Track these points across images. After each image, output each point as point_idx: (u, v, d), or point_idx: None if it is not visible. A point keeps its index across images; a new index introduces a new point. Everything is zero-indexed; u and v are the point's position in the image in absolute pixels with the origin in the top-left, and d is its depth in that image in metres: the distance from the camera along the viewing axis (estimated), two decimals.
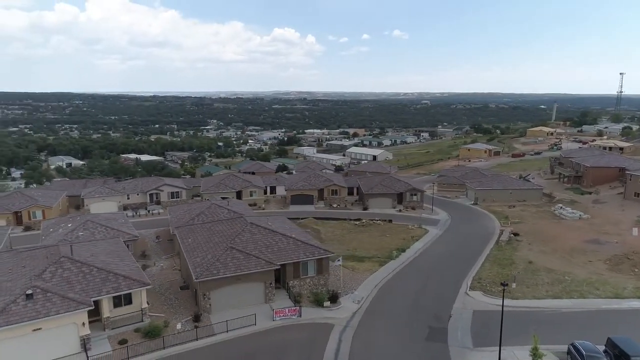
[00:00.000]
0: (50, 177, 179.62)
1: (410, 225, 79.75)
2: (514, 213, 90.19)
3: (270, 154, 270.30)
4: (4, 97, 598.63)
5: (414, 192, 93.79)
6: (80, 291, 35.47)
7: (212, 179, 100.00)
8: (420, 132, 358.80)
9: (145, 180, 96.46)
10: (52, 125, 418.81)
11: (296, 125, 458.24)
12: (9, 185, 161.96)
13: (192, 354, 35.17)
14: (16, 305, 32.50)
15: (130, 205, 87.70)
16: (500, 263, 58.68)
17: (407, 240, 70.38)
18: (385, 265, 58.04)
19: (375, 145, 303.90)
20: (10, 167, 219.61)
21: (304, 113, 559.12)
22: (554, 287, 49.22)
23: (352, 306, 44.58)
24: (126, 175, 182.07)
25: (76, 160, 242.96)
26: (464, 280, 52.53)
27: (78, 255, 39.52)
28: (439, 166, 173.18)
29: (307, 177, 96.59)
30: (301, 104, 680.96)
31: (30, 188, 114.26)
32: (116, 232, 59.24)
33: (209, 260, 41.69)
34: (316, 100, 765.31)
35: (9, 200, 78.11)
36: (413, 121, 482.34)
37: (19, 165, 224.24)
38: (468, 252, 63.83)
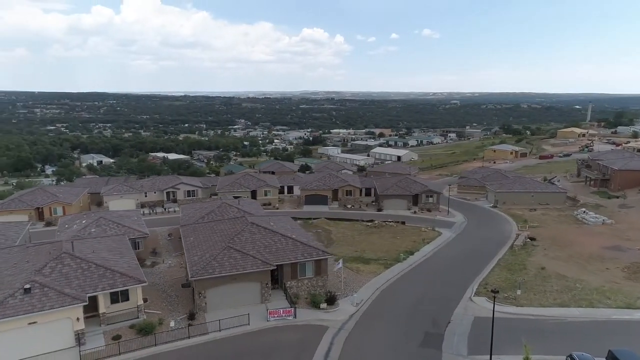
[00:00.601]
0: (80, 174, 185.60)
1: (424, 227, 78.42)
2: (534, 217, 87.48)
3: (295, 153, 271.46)
4: (43, 97, 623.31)
5: (429, 194, 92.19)
6: (77, 287, 36.38)
7: (227, 178, 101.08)
8: (448, 132, 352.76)
9: (162, 178, 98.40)
10: (87, 124, 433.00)
11: (323, 125, 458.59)
12: (41, 181, 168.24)
13: (182, 352, 35.52)
14: (14, 298, 33.62)
15: (147, 203, 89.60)
16: (510, 268, 56.95)
17: (418, 242, 69.22)
18: (390, 267, 57.24)
19: (401, 146, 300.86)
20: (44, 164, 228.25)
21: (331, 113, 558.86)
22: (563, 295, 47.37)
23: (350, 309, 44.11)
24: (152, 173, 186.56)
25: (107, 159, 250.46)
26: (470, 286, 51.23)
27: (79, 252, 40.57)
28: (462, 167, 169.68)
29: (322, 178, 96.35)
30: (328, 103, 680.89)
31: (54, 185, 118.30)
32: (127, 229, 60.58)
33: (206, 259, 42.08)
34: (343, 100, 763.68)
35: (31, 197, 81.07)
36: (441, 121, 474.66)
37: (52, 162, 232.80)
38: (479, 257, 62.26)
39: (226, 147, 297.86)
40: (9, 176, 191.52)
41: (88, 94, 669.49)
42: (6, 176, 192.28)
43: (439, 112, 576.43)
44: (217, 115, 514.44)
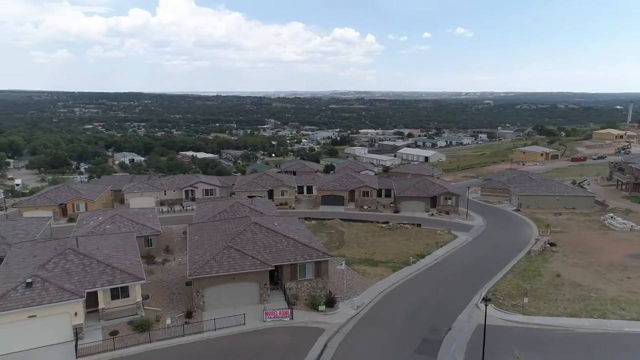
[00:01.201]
0: (110, 171, 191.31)
1: (439, 230, 76.77)
2: (558, 221, 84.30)
3: (321, 153, 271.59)
4: (83, 97, 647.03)
5: (448, 196, 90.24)
6: (77, 282, 37.39)
7: (246, 177, 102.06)
8: (478, 133, 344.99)
9: (182, 177, 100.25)
10: (123, 123, 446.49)
11: (351, 125, 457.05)
12: (74, 178, 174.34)
13: (175, 350, 35.94)
14: (15, 292, 34.85)
15: (167, 201, 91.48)
16: (524, 275, 54.95)
17: (431, 246, 67.78)
18: (398, 271, 56.27)
19: (429, 147, 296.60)
20: (79, 162, 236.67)
21: (361, 113, 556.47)
22: (575, 304, 45.30)
23: (349, 312, 43.58)
24: (180, 172, 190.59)
25: (138, 157, 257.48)
26: (478, 292, 49.73)
27: (83, 248, 41.71)
28: (489, 169, 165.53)
29: (339, 178, 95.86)
30: (358, 103, 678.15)
31: (79, 182, 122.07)
32: (141, 226, 62.01)
33: (206, 258, 42.45)
34: (373, 100, 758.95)
35: (56, 193, 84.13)
36: (473, 122, 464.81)
37: (87, 160, 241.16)
38: (493, 262, 60.41)
39: (254, 146, 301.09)
40: (45, 173, 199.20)
41: (124, 94, 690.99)
42: (43, 173, 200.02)
43: (470, 113, 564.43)
44: (247, 115, 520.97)
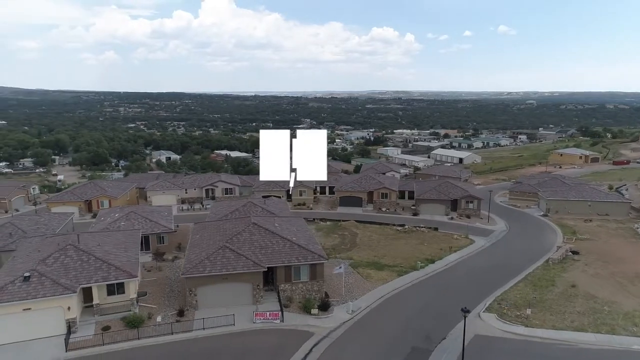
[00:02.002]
0: (146, 169, 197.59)
1: (457, 234, 74.50)
2: (587, 228, 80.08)
3: (353, 153, 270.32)
4: (128, 96, 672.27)
5: (470, 200, 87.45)
6: (73, 277, 38.60)
7: None
8: (518, 134, 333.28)
9: (203, 176, 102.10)
10: (163, 122, 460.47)
11: (387, 125, 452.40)
12: (112, 175, 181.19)
13: (162, 347, 36.43)
14: (13, 285, 36.36)
15: (187, 199, 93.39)
16: (537, 284, 52.36)
17: (444, 250, 65.83)
18: (404, 276, 54.90)
19: (465, 148, 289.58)
20: (119, 160, 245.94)
21: (397, 113, 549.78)
22: (583, 318, 42.71)
23: (343, 316, 42.87)
24: (212, 170, 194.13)
25: (175, 155, 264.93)
26: (483, 301, 47.80)
27: (84, 244, 43.02)
28: (523, 172, 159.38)
29: (358, 179, 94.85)
30: (395, 103, 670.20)
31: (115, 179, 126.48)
32: (154, 224, 63.55)
33: (201, 257, 42.85)
34: (411, 100, 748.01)
35: (82, 190, 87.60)
36: (514, 123, 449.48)
37: (126, 157, 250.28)
38: (506, 269, 57.96)
39: None
40: (86, 170, 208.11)
41: (166, 93, 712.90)
42: (84, 169, 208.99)
43: (512, 113, 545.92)
44: (283, 115, 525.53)
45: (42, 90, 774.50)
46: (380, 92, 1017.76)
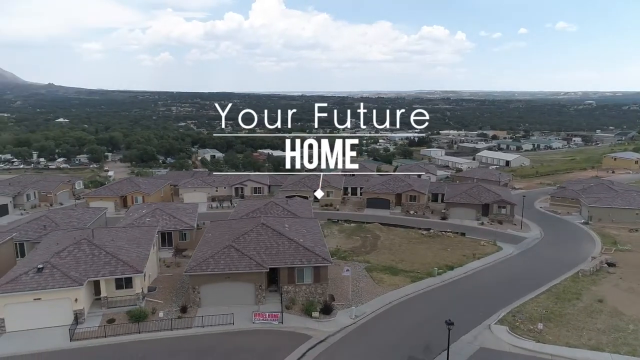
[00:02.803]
0: (188, 167, 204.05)
1: (484, 241, 71.61)
2: (631, 238, 74.85)
3: (395, 154, 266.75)
4: (180, 96, 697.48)
5: (502, 204, 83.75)
6: (82, 271, 40.35)
7: (294, 177, 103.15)
8: (572, 136, 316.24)
9: (233, 175, 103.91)
10: (212, 121, 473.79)
11: (433, 125, 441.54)
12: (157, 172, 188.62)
13: (160, 342, 37.34)
14: (26, 276, 38.50)
15: (217, 197, 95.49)
16: (560, 297, 49.29)
17: (467, 257, 63.44)
18: (418, 282, 53.36)
19: (513, 150, 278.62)
20: (167, 157, 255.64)
21: (445, 113, 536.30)
22: (603, 336, 39.68)
23: (345, 321, 42.18)
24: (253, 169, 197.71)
25: (219, 153, 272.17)
26: (498, 312, 45.56)
27: (98, 239, 44.87)
28: (571, 176, 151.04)
29: (386, 181, 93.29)
30: (443, 103, 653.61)
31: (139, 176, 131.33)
32: (177, 221, 65.49)
33: (205, 255, 43.57)
34: (460, 100, 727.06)
35: (119, 186, 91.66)
36: (570, 124, 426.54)
37: (173, 155, 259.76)
38: (530, 279, 55.03)
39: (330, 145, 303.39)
40: (135, 166, 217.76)
41: (216, 93, 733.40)
42: (133, 166, 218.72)
43: (568, 114, 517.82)
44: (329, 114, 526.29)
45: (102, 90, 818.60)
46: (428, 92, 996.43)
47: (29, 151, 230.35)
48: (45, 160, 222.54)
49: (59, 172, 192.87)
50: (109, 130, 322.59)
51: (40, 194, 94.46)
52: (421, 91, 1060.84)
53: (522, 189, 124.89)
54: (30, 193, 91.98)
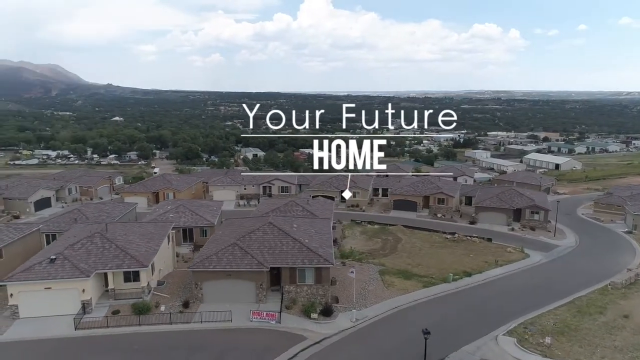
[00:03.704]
0: (229, 165, 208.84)
1: (511, 247, 68.43)
2: None
3: (437, 156, 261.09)
4: (229, 96, 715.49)
5: (535, 210, 79.68)
6: (92, 263, 42.13)
7: (322, 177, 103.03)
8: (632, 139, 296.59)
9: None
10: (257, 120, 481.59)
11: (481, 126, 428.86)
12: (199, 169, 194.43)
13: (157, 335, 38.34)
14: (40, 266, 40.69)
15: (246, 195, 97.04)
16: (581, 310, 46.26)
17: (489, 264, 60.83)
18: (430, 287, 51.75)
19: (565, 152, 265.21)
20: (210, 155, 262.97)
21: (495, 114, 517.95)
22: (618, 354, 36.80)
23: (345, 324, 41.56)
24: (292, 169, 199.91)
25: (261, 152, 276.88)
26: (509, 322, 43.37)
27: (111, 233, 46.68)
28: (624, 182, 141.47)
29: (414, 183, 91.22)
30: (494, 103, 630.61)
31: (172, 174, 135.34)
32: (198, 217, 67.05)
33: (210, 252, 44.30)
34: (512, 100, 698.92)
35: (152, 182, 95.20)
36: (632, 126, 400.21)
37: (217, 153, 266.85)
38: (553, 290, 52.00)
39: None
40: (179, 163, 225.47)
41: (263, 93, 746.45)
42: (178, 163, 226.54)
43: (630, 115, 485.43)
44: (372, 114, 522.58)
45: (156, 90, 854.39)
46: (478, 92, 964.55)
47: (84, 148, 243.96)
48: (98, 157, 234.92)
49: (109, 168, 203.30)
50: (160, 128, 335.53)
51: (81, 188, 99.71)
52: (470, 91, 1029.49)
53: (566, 193, 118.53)
54: (72, 187, 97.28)
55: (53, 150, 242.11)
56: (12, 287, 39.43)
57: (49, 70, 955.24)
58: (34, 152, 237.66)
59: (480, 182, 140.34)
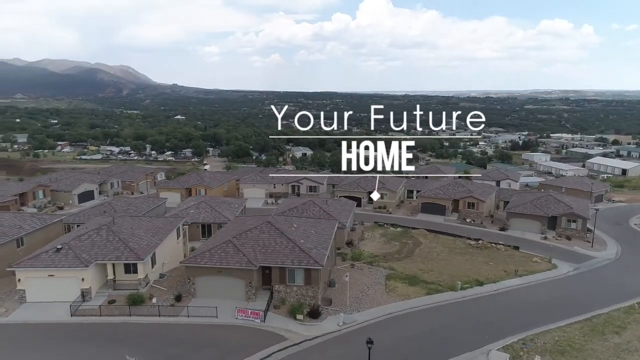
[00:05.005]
0: (275, 164, 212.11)
1: (538, 257, 64.17)
2: None
3: (491, 158, 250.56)
4: (286, 95, 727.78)
5: (572, 218, 74.10)
6: (94, 254, 44.29)
7: (350, 178, 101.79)
8: None
9: (291, 173, 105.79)
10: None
11: (545, 128, 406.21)
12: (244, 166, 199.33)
13: (143, 326, 39.57)
14: (46, 254, 43.41)
15: (275, 193, 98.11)
16: (596, 329, 42.47)
17: (508, 273, 57.41)
18: (433, 295, 49.59)
19: (636, 157, 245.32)
20: (260, 153, 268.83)
21: (562, 115, 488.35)
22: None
23: (331, 327, 40.80)
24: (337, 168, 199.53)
25: (310, 151, 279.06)
26: (508, 337, 40.65)
27: (118, 227, 48.82)
28: None
29: (443, 186, 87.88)
30: (561, 104, 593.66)
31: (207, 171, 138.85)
32: (217, 214, 68.63)
33: (205, 248, 45.16)
34: (581, 100, 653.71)
35: (186, 179, 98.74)
36: None
37: (267, 152, 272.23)
38: (571, 304, 48.22)
39: (423, 146, 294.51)
40: (230, 161, 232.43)
41: (319, 93, 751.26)
42: (229, 161, 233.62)
43: None
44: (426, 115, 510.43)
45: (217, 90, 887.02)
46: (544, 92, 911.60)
47: (143, 144, 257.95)
48: (155, 153, 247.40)
49: (164, 164, 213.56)
50: (216, 127, 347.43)
51: (123, 183, 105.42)
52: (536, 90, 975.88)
53: (623, 201, 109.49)
54: (114, 182, 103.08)
55: (116, 147, 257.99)
56: (20, 273, 42.38)
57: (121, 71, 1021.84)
58: (99, 148, 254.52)
59: (528, 187, 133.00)
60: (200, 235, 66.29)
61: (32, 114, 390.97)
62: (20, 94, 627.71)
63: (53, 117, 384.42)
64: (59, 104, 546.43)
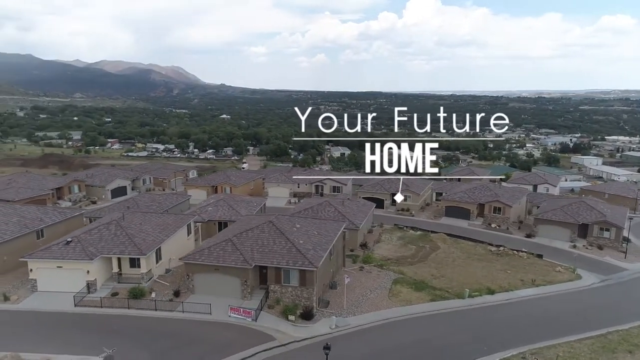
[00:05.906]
0: (310, 163, 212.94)
1: (562, 266, 60.71)
2: None
3: (537, 161, 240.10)
4: (330, 95, 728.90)
5: (605, 227, 69.51)
6: (100, 247, 46.03)
7: (374, 179, 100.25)
8: None
9: (315, 173, 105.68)
10: (355, 119, 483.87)
11: (601, 129, 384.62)
12: (281, 165, 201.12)
13: (139, 319, 40.65)
14: (57, 246, 45.60)
15: (298, 193, 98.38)
16: (607, 346, 39.67)
17: (525, 282, 54.64)
18: (438, 301, 47.96)
19: None
20: (299, 153, 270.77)
21: (620, 116, 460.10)
22: None
23: (323, 330, 40.32)
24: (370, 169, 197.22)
25: (348, 151, 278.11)
26: (509, 349, 38.64)
27: (127, 222, 50.51)
28: None
29: (470, 189, 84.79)
30: (621, 104, 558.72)
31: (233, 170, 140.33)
32: (234, 212, 69.65)
33: (205, 246, 45.88)
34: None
35: (213, 177, 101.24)
36: None
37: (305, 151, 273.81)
38: (586, 319, 45.41)
39: (465, 148, 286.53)
40: (268, 160, 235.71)
41: (363, 93, 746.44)
42: (267, 160, 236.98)
43: None
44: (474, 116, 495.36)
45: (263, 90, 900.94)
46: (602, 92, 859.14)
47: (187, 142, 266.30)
48: (198, 151, 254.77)
49: (205, 162, 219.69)
50: (259, 126, 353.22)
51: (156, 179, 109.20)
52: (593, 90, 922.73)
53: None
54: (147, 178, 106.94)
55: (162, 144, 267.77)
56: (32, 263, 44.77)
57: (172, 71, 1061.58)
58: (146, 146, 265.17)
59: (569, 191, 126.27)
60: (217, 233, 67.56)
61: (89, 112, 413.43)
62: (79, 94, 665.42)
63: (107, 115, 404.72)
64: (113, 103, 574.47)
